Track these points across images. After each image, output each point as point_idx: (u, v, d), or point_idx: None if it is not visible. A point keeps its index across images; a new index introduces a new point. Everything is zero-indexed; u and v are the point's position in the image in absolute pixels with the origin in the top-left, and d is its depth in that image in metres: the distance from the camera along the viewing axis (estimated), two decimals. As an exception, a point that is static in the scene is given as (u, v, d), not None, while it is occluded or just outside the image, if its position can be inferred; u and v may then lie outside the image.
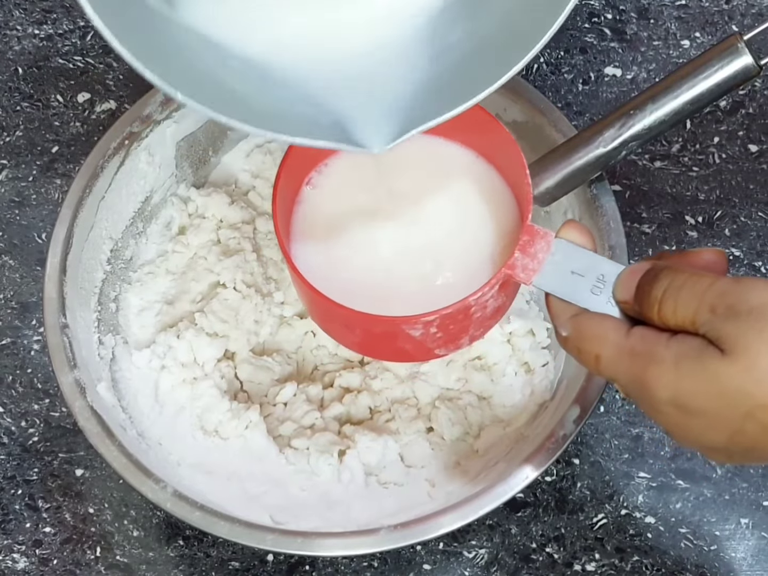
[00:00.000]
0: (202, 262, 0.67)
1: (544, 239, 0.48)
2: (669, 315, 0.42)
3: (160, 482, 0.54)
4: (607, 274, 0.47)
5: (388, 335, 0.50)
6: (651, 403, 0.43)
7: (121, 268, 0.66)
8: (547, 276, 0.47)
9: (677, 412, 0.42)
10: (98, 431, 0.56)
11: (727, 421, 0.41)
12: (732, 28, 0.77)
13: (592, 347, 0.45)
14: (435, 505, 0.56)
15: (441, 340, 0.50)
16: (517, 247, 0.48)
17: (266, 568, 0.62)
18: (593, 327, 0.45)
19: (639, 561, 0.63)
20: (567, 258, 0.47)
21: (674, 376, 0.41)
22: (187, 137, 0.67)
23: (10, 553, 0.63)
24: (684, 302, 0.42)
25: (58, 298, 0.59)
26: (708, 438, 0.42)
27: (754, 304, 0.40)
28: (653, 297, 0.43)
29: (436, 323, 0.48)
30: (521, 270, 0.48)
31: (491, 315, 0.51)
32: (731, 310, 0.40)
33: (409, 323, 0.48)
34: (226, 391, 0.63)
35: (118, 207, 0.65)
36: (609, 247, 0.59)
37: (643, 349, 0.43)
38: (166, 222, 0.68)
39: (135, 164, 0.65)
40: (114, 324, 0.65)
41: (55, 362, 0.57)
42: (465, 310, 0.48)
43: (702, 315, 0.41)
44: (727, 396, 0.40)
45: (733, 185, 0.73)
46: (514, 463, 0.55)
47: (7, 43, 0.79)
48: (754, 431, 0.40)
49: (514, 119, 0.65)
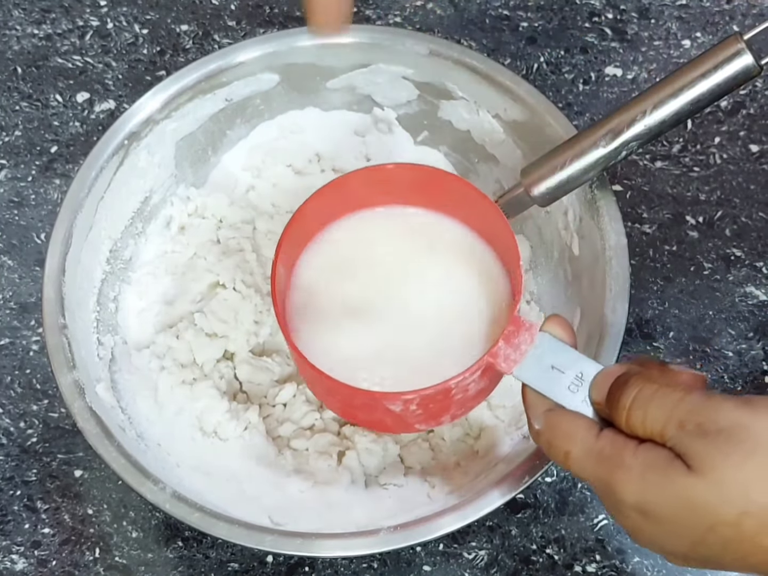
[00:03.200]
0: (201, 262, 0.67)
1: (529, 331, 0.49)
2: (637, 424, 0.44)
3: (159, 483, 0.54)
4: (586, 373, 0.48)
5: (369, 407, 0.51)
6: (616, 505, 0.44)
7: (120, 269, 0.66)
8: (528, 368, 0.48)
9: (640, 518, 0.43)
10: (97, 432, 0.55)
11: (690, 532, 0.42)
12: (733, 28, 0.77)
13: (563, 444, 0.46)
14: (435, 507, 0.56)
15: (421, 417, 0.51)
16: (502, 337, 0.49)
17: (265, 569, 0.62)
18: (565, 424, 0.46)
19: (640, 562, 0.62)
20: (549, 352, 0.48)
21: (640, 485, 0.43)
22: (187, 137, 0.67)
23: (9, 554, 0.63)
24: (653, 415, 0.43)
25: (57, 299, 0.59)
26: (669, 544, 0.44)
27: (723, 426, 0.41)
28: (621, 405, 0.45)
29: (416, 402, 0.49)
30: (503, 359, 0.49)
31: (473, 397, 0.51)
32: (700, 429, 0.42)
33: (388, 399, 0.49)
34: (225, 392, 0.63)
35: (117, 207, 0.65)
36: (609, 248, 0.59)
37: (612, 453, 0.44)
38: (165, 222, 0.68)
39: (134, 164, 0.65)
40: (113, 324, 0.64)
41: (53, 363, 0.57)
42: (445, 392, 0.49)
43: (670, 429, 0.42)
44: (692, 510, 0.41)
45: (734, 186, 0.73)
46: (514, 464, 0.55)
47: (6, 43, 0.79)
48: (715, 544, 0.42)
49: (515, 119, 0.65)
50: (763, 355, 0.68)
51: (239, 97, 0.67)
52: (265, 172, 0.70)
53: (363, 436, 0.61)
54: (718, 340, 0.68)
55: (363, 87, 0.69)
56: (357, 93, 0.69)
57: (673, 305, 0.69)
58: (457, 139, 0.69)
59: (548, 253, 0.66)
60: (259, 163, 0.70)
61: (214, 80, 0.65)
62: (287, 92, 0.68)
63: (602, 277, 0.58)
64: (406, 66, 0.66)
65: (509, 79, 0.64)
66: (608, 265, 0.58)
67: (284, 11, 0.81)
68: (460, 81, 0.66)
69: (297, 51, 0.66)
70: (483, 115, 0.66)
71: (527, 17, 0.80)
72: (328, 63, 0.67)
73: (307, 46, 0.66)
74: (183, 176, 0.69)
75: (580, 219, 0.61)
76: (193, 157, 0.68)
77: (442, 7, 0.81)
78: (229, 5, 0.81)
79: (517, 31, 0.79)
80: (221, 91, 0.66)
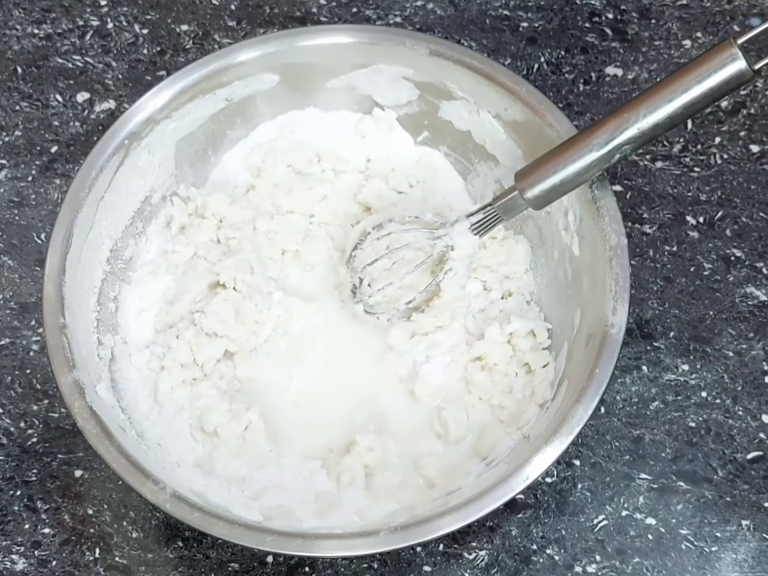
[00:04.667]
0: (201, 262, 0.67)
1: None
2: None
3: (160, 483, 0.54)
4: None
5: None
6: None
7: (120, 268, 0.66)
8: None
9: None
10: (97, 432, 0.55)
11: None
12: (734, 29, 0.77)
13: None
14: (435, 506, 0.56)
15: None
16: None
17: (266, 569, 0.62)
18: None
19: (640, 563, 0.62)
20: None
21: None
22: (187, 136, 0.67)
23: (9, 554, 0.63)
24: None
25: (57, 298, 0.59)
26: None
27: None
28: None
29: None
30: None
31: None
32: None
33: None
34: (226, 392, 0.63)
35: (117, 206, 0.65)
36: (610, 248, 0.59)
37: None
38: (166, 222, 0.68)
39: (135, 163, 0.65)
40: (113, 324, 0.64)
41: (54, 362, 0.57)
42: None
43: None
44: None
45: (734, 186, 0.73)
46: (515, 464, 0.55)
47: (6, 43, 0.79)
48: None
49: (515, 119, 0.65)
50: (763, 355, 0.68)
51: (239, 97, 0.67)
52: (265, 171, 0.70)
53: (364, 437, 0.61)
54: (719, 340, 0.68)
55: (363, 87, 0.69)
56: (357, 93, 0.69)
57: (673, 305, 0.69)
58: (457, 139, 0.69)
59: (548, 254, 0.66)
60: (259, 163, 0.70)
61: (215, 80, 0.65)
62: (287, 92, 0.68)
63: (602, 278, 0.58)
64: (407, 66, 0.66)
65: (510, 79, 0.64)
66: (608, 266, 0.58)
67: (284, 11, 0.81)
68: (460, 81, 0.66)
69: (297, 51, 0.66)
70: (483, 115, 0.66)
71: (527, 17, 0.80)
72: (329, 63, 0.67)
73: (308, 46, 0.66)
74: (183, 176, 0.69)
75: (581, 219, 0.61)
76: (193, 156, 0.68)
77: (442, 7, 0.81)
78: (229, 5, 0.81)
79: (517, 31, 0.79)
80: (221, 91, 0.66)
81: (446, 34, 0.79)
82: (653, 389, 0.67)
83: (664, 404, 0.66)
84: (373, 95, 0.69)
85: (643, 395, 0.67)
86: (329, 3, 0.81)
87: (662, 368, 0.67)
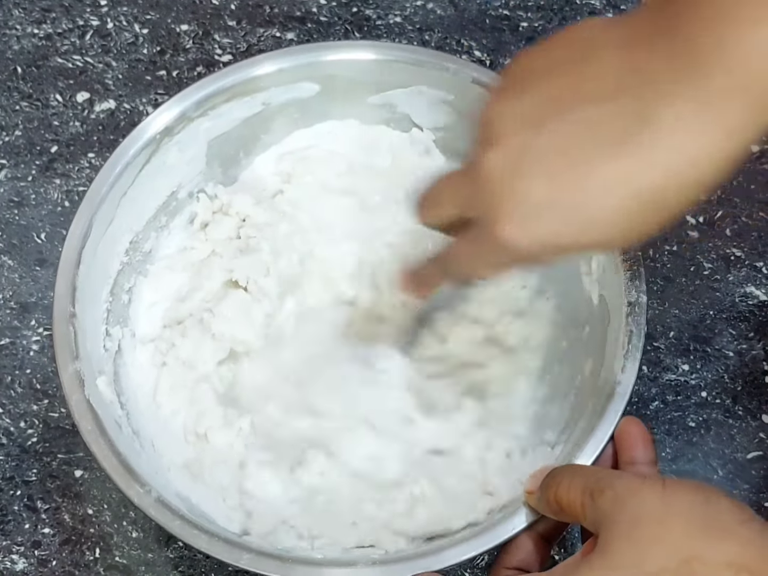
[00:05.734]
0: (217, 260, 0.65)
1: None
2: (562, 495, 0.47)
3: (146, 486, 0.53)
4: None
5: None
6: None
7: (138, 260, 0.65)
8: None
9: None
10: (92, 428, 0.54)
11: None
12: (733, 28, 0.77)
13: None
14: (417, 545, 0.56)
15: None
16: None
17: (266, 569, 0.62)
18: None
19: (640, 562, 0.62)
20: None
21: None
22: (220, 136, 0.66)
23: (9, 554, 0.63)
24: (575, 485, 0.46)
25: (69, 288, 0.57)
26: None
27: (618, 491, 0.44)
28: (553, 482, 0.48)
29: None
30: None
31: None
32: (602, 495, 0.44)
33: None
34: (223, 396, 0.62)
35: (142, 198, 0.63)
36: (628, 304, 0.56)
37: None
38: (190, 218, 0.67)
39: (164, 158, 0.63)
40: (124, 316, 0.63)
41: (57, 352, 0.56)
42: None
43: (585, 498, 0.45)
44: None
45: (734, 185, 0.73)
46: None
47: (6, 43, 0.79)
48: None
49: (515, 119, 0.64)
50: (763, 355, 0.68)
51: (277, 103, 0.66)
52: (295, 178, 0.68)
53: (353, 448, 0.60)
54: (719, 340, 0.68)
55: (403, 106, 0.68)
56: (397, 111, 0.68)
57: (673, 305, 0.69)
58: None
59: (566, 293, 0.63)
60: (289, 169, 0.68)
61: (253, 84, 0.65)
62: (326, 102, 0.67)
63: (616, 333, 0.56)
64: (448, 92, 0.65)
65: None
66: (624, 322, 0.56)
67: (284, 11, 0.81)
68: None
69: (339, 64, 0.65)
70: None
71: (527, 17, 0.80)
72: (370, 79, 0.66)
73: (350, 60, 0.65)
74: (212, 174, 0.67)
75: (604, 269, 0.60)
76: (224, 156, 0.67)
77: (442, 7, 0.81)
78: (229, 5, 0.81)
79: (517, 31, 0.79)
80: (259, 95, 0.65)
81: (446, 34, 0.79)
82: (653, 389, 0.67)
83: (664, 404, 0.67)
84: (412, 116, 0.68)
85: (643, 395, 0.67)
86: (329, 3, 0.81)
87: (662, 368, 0.68)
